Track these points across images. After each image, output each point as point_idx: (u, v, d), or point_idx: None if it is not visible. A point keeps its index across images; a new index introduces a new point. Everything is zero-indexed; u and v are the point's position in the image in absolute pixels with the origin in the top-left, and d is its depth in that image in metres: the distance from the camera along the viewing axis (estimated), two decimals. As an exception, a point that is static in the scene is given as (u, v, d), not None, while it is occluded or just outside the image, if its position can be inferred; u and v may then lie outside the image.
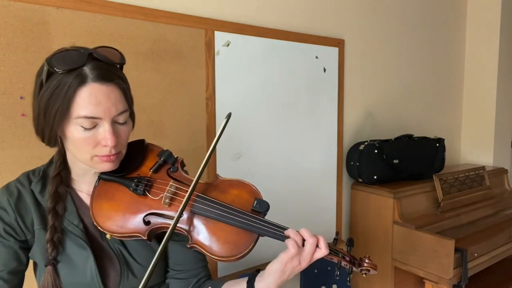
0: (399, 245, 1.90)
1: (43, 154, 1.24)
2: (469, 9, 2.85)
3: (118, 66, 0.80)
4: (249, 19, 1.71)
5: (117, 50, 0.80)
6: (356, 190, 2.14)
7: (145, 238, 0.79)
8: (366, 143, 2.07)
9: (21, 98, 1.19)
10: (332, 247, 0.83)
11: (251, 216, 0.80)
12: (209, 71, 1.57)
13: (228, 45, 1.63)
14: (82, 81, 0.71)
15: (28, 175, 0.85)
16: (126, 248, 0.84)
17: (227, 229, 0.80)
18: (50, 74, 0.72)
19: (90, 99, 0.71)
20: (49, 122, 0.73)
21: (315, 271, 1.98)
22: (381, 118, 2.37)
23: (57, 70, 0.70)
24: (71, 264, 0.80)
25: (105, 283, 0.81)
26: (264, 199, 0.84)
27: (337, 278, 0.82)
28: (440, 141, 2.26)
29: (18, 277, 0.83)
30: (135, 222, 0.79)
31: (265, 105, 1.78)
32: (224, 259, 0.78)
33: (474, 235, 1.94)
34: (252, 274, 0.84)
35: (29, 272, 0.87)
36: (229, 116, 0.86)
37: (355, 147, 2.10)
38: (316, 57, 1.95)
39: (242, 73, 1.69)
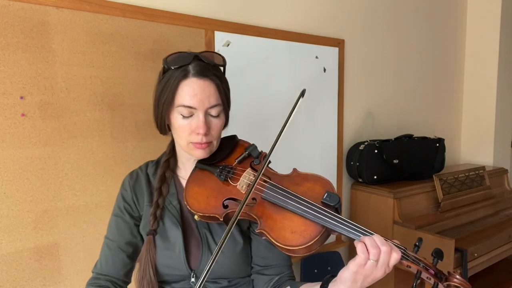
0: (399, 245, 1.90)
1: (43, 154, 1.24)
2: (469, 9, 2.85)
3: (221, 68, 0.94)
4: (249, 19, 1.71)
5: (220, 55, 0.94)
6: (356, 190, 2.14)
7: (222, 220, 0.86)
8: (366, 143, 2.07)
9: (21, 98, 1.19)
10: (411, 254, 0.76)
11: (318, 207, 0.80)
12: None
13: (228, 45, 1.63)
14: (185, 75, 0.85)
15: (148, 163, 1.03)
16: (211, 232, 0.93)
17: (294, 218, 0.81)
18: (165, 71, 0.89)
19: (189, 90, 0.85)
20: (160, 110, 0.89)
21: (315, 271, 1.98)
22: (381, 118, 2.37)
23: (171, 67, 0.86)
24: (166, 238, 0.92)
25: (188, 259, 0.91)
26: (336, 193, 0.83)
27: None
28: (440, 141, 2.26)
29: (133, 247, 0.97)
30: (216, 204, 0.87)
31: (265, 105, 1.78)
32: (290, 248, 0.78)
33: (474, 235, 1.94)
34: (325, 278, 0.82)
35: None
36: (303, 92, 0.93)
37: (355, 147, 2.10)
38: (316, 57, 1.95)
39: (242, 73, 1.69)
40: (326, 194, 0.82)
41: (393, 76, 2.41)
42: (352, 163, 2.09)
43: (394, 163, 2.07)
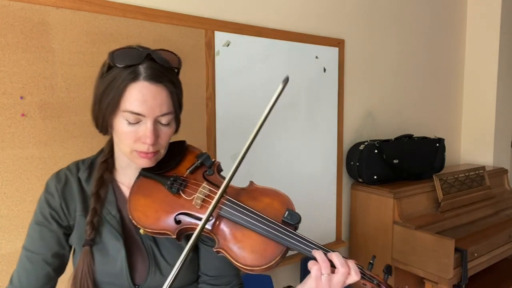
0: (399, 245, 1.90)
1: (43, 154, 1.24)
2: (469, 9, 2.85)
3: (174, 70, 0.84)
4: (249, 19, 1.71)
5: (175, 55, 0.85)
6: (356, 190, 2.14)
7: (174, 236, 0.79)
8: (366, 143, 2.07)
9: (21, 98, 1.19)
10: (366, 272, 0.78)
11: (280, 227, 0.77)
12: (209, 71, 1.57)
13: (228, 45, 1.63)
14: (134, 77, 0.75)
15: (77, 164, 0.91)
16: (158, 246, 0.86)
17: (255, 237, 0.78)
18: (110, 68, 0.78)
19: (138, 95, 0.75)
20: (102, 110, 0.79)
21: (315, 271, 1.98)
22: (381, 118, 2.37)
23: (116, 65, 0.76)
24: (105, 252, 0.83)
25: (132, 276, 0.83)
26: (297, 211, 0.81)
27: None
28: (440, 141, 2.26)
29: (60, 260, 0.87)
30: (167, 220, 0.80)
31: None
32: (249, 268, 0.76)
33: (474, 235, 1.94)
34: None
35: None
36: (286, 80, 0.83)
37: (355, 147, 2.10)
38: (316, 57, 1.95)
39: (242, 73, 1.69)
40: (287, 212, 0.79)
41: (393, 76, 2.41)
42: (352, 163, 2.09)
43: (394, 163, 2.07)
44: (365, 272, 0.78)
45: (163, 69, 0.79)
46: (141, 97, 0.75)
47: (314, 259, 0.75)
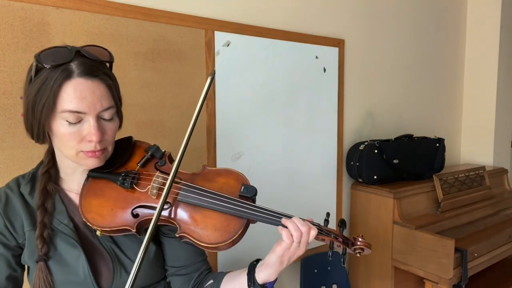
0: (399, 245, 1.90)
1: (43, 154, 1.24)
2: (469, 9, 2.85)
3: (107, 64, 0.81)
4: (249, 19, 1.71)
5: (105, 49, 0.81)
6: (356, 190, 2.14)
7: (134, 231, 0.79)
8: (366, 143, 2.07)
9: (21, 98, 1.19)
10: (324, 228, 0.84)
11: (238, 201, 0.80)
12: (209, 71, 1.57)
13: (228, 45, 1.63)
14: (67, 76, 0.72)
15: (17, 180, 0.86)
16: (118, 245, 0.84)
17: (215, 216, 0.80)
18: (38, 70, 0.74)
19: (75, 93, 0.72)
20: (37, 116, 0.74)
21: (315, 271, 1.98)
22: (381, 118, 2.37)
23: (45, 66, 0.72)
24: (63, 263, 0.80)
25: (98, 281, 0.81)
26: (252, 184, 0.84)
27: (330, 259, 0.84)
28: (440, 141, 2.26)
29: (13, 282, 0.84)
30: (124, 215, 0.80)
31: (265, 105, 1.78)
32: (214, 246, 0.78)
33: (474, 235, 1.94)
34: (251, 264, 0.84)
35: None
36: (213, 74, 0.84)
37: (355, 147, 2.10)
38: (316, 57, 1.95)
39: (242, 73, 1.69)
40: (242, 187, 0.83)
41: (393, 76, 2.41)
42: (352, 163, 2.09)
43: (394, 163, 2.07)
44: (322, 228, 0.83)
45: (96, 64, 0.76)
46: (78, 94, 0.72)
47: (278, 225, 0.80)
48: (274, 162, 1.83)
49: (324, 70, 1.99)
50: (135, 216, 0.80)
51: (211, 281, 0.89)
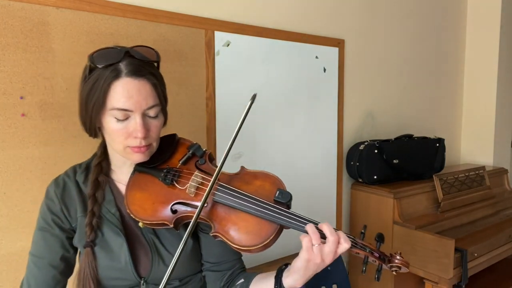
0: (399, 245, 1.90)
1: (43, 154, 1.24)
2: (469, 9, 2.85)
3: (154, 64, 0.86)
4: (249, 19, 1.71)
5: (153, 49, 0.86)
6: (356, 190, 2.14)
7: (172, 226, 0.82)
8: (366, 143, 2.06)
9: (21, 98, 1.19)
10: (358, 241, 0.81)
11: (272, 206, 0.80)
12: (209, 71, 1.57)
13: (228, 45, 1.63)
14: (116, 75, 0.78)
15: (75, 168, 0.94)
16: (159, 237, 0.89)
17: (249, 218, 0.81)
18: (91, 70, 0.81)
19: (123, 92, 0.78)
20: (89, 113, 0.81)
21: (315, 271, 1.98)
22: (381, 118, 2.37)
23: (97, 66, 0.79)
24: (108, 249, 0.86)
25: (137, 269, 0.86)
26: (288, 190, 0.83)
27: (364, 273, 0.79)
28: (440, 141, 2.26)
29: (66, 263, 0.90)
30: (164, 211, 0.83)
31: (265, 105, 1.78)
32: (246, 248, 0.79)
33: (474, 235, 1.94)
34: (279, 269, 0.84)
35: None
36: (253, 97, 0.88)
37: (355, 147, 2.10)
38: (316, 57, 1.95)
39: (242, 73, 1.69)
40: (278, 192, 0.83)
41: (393, 76, 2.41)
42: (352, 163, 2.09)
43: (394, 163, 2.07)
44: (356, 241, 0.80)
45: (143, 64, 0.81)
46: (126, 93, 0.77)
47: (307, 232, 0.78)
48: (274, 162, 1.83)
49: (324, 70, 1.99)
50: (174, 212, 0.83)
51: (242, 280, 0.91)
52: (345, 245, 0.76)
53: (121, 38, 1.35)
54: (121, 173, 0.92)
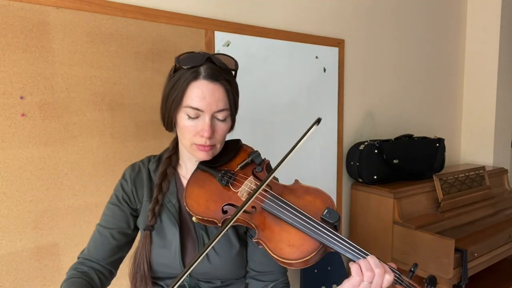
0: (399, 245, 1.90)
1: (43, 154, 1.24)
2: (469, 9, 2.85)
3: (231, 72, 0.92)
4: (249, 19, 1.71)
5: (233, 59, 0.93)
6: (356, 190, 2.14)
7: (220, 225, 0.85)
8: (366, 143, 2.06)
9: (21, 98, 1.19)
10: (405, 279, 0.78)
11: (317, 223, 0.80)
12: (209, 71, 1.57)
13: (228, 45, 1.63)
14: (195, 77, 0.85)
15: (150, 157, 1.03)
16: (208, 234, 0.93)
17: (293, 231, 0.81)
18: (176, 70, 0.88)
19: (198, 92, 0.84)
20: (168, 108, 0.89)
21: (315, 271, 1.98)
22: (381, 118, 2.37)
23: (182, 66, 0.86)
24: (163, 236, 0.92)
25: (184, 259, 0.91)
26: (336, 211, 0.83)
27: None
28: (440, 141, 2.26)
29: (125, 238, 0.96)
30: (215, 209, 0.87)
31: (265, 105, 1.78)
32: (286, 261, 0.78)
33: (474, 235, 1.94)
34: None
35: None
36: (318, 121, 0.91)
37: (355, 147, 2.10)
38: (316, 57, 1.95)
39: (242, 73, 1.68)
40: (326, 210, 0.82)
41: (393, 76, 2.41)
42: (352, 163, 2.09)
43: (394, 163, 2.07)
44: (402, 278, 0.78)
45: (221, 70, 0.88)
46: (200, 93, 0.84)
47: (355, 259, 0.77)
48: (274, 162, 1.83)
49: (324, 70, 1.99)
50: (224, 212, 0.86)
51: None
52: (388, 277, 0.74)
53: (121, 38, 1.35)
54: (186, 169, 0.99)
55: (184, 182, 0.98)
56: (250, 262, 0.96)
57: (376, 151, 2.03)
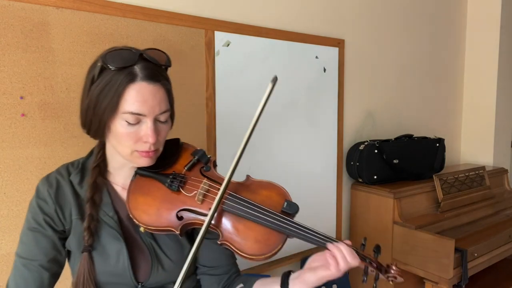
0: (399, 245, 1.90)
1: (43, 154, 1.24)
2: (469, 9, 2.85)
3: (164, 67, 0.84)
4: (249, 19, 1.71)
5: (164, 53, 0.84)
6: (356, 190, 2.14)
7: (178, 232, 0.81)
8: (366, 143, 2.06)
9: (21, 98, 1.19)
10: (360, 253, 0.83)
11: (281, 217, 0.81)
12: (209, 71, 1.57)
13: (228, 45, 1.63)
14: (132, 79, 0.76)
15: (67, 167, 0.90)
16: (157, 242, 0.88)
17: (257, 228, 0.81)
18: (102, 70, 0.77)
19: (138, 96, 0.76)
20: (99, 115, 0.78)
21: (315, 271, 1.98)
22: (381, 118, 2.37)
23: (110, 67, 0.75)
24: (105, 253, 0.83)
25: (136, 274, 0.85)
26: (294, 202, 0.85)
27: (365, 283, 0.82)
28: (440, 141, 2.26)
29: (57, 265, 0.87)
30: (169, 217, 0.82)
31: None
32: (253, 257, 0.80)
33: (474, 235, 1.94)
34: (284, 276, 0.84)
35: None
36: (275, 80, 0.86)
37: (355, 147, 2.10)
38: (316, 57, 1.95)
39: (242, 73, 1.69)
40: (285, 203, 0.84)
41: (393, 76, 2.41)
42: (352, 163, 2.09)
43: (394, 163, 2.07)
44: (358, 253, 0.83)
45: (157, 68, 0.80)
46: (140, 97, 0.76)
47: (320, 246, 0.80)
48: (274, 162, 1.83)
49: (324, 70, 1.99)
50: (180, 218, 0.82)
51: (241, 285, 0.91)
52: (355, 262, 0.79)
53: (121, 38, 1.35)
54: (118, 176, 0.90)
55: (119, 190, 0.89)
56: (201, 258, 0.93)
57: (376, 151, 2.03)
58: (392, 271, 0.85)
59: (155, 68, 0.79)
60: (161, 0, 1.44)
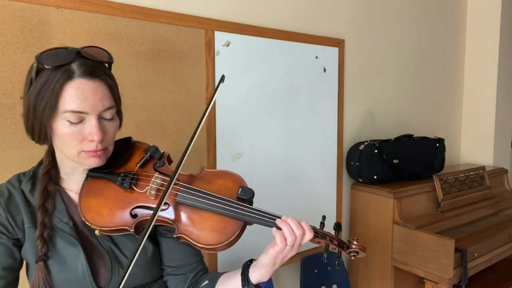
0: (399, 245, 1.90)
1: (43, 154, 1.24)
2: (469, 9, 2.85)
3: (106, 65, 0.82)
4: (249, 19, 1.71)
5: (105, 50, 0.82)
6: (356, 190, 2.14)
7: (132, 231, 0.80)
8: (366, 143, 2.07)
9: (21, 98, 1.19)
10: (319, 231, 0.85)
11: (236, 203, 0.81)
12: (209, 71, 1.57)
13: (228, 45, 1.63)
14: (69, 76, 0.73)
15: (18, 177, 0.87)
16: (116, 244, 0.86)
17: (213, 217, 0.81)
18: (39, 71, 0.74)
19: (77, 94, 0.73)
20: (38, 117, 0.75)
21: (315, 271, 1.98)
22: (381, 118, 2.37)
23: (46, 67, 0.73)
24: (62, 261, 0.81)
25: (96, 279, 0.82)
26: (249, 187, 0.85)
27: (325, 261, 0.85)
28: (440, 141, 2.26)
29: (13, 273, 0.84)
30: (123, 215, 0.81)
31: (265, 105, 1.78)
32: (211, 247, 0.80)
33: (474, 235, 1.94)
34: (245, 265, 0.85)
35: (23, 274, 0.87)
36: (222, 79, 0.86)
37: (355, 147, 2.10)
38: (316, 57, 1.95)
39: (242, 73, 1.69)
40: (240, 189, 0.84)
41: (393, 76, 2.41)
42: (352, 163, 2.09)
43: (394, 163, 2.07)
44: (317, 231, 0.84)
45: (96, 64, 0.77)
46: (80, 94, 0.73)
47: (275, 227, 0.80)
48: (274, 162, 1.83)
49: (324, 70, 1.99)
50: (134, 216, 0.81)
51: (207, 281, 0.90)
52: (309, 235, 0.80)
53: (121, 38, 1.35)
54: (71, 181, 0.87)
55: (73, 195, 0.87)
56: (166, 259, 0.92)
57: (376, 151, 2.03)
58: (354, 246, 0.84)
59: (94, 64, 0.76)
60: (161, 0, 1.44)
